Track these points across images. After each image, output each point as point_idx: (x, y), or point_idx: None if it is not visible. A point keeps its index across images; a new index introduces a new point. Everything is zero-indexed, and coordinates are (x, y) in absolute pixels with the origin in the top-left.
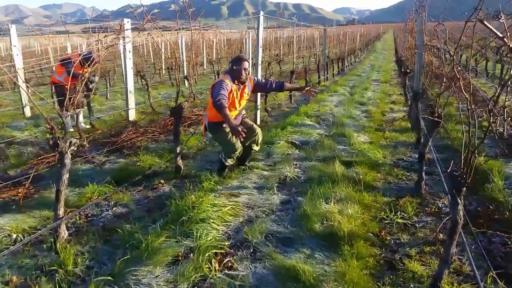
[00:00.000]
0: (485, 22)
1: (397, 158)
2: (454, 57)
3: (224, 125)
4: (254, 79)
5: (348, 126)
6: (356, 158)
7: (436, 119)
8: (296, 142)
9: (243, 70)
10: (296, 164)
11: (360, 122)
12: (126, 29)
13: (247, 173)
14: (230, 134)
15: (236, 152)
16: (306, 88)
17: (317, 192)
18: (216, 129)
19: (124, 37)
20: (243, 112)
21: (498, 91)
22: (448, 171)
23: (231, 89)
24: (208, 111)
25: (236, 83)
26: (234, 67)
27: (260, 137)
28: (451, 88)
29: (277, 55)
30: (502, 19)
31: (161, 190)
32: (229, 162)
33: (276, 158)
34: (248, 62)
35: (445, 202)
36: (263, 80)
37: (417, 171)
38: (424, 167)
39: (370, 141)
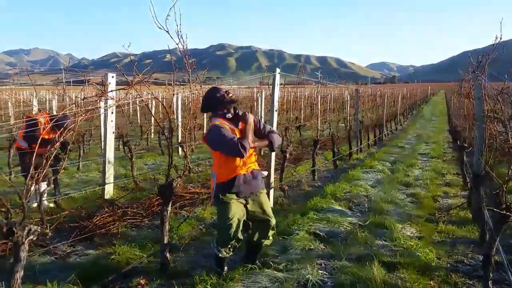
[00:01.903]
0: None
1: (455, 260)
2: None
3: (233, 191)
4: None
5: (389, 214)
6: (401, 258)
7: (504, 212)
8: (321, 234)
9: (224, 94)
10: (320, 264)
11: (405, 209)
12: (110, 90)
13: (255, 274)
14: (233, 212)
15: (232, 241)
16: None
17: None
18: (224, 197)
19: (107, 98)
20: (262, 173)
21: None
22: None
23: (229, 127)
24: (216, 169)
25: (229, 122)
26: (214, 98)
27: (273, 224)
28: None
29: (296, 118)
30: None
31: None
32: (224, 253)
33: (293, 255)
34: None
35: None
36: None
37: (482, 279)
38: (491, 274)
39: (419, 236)
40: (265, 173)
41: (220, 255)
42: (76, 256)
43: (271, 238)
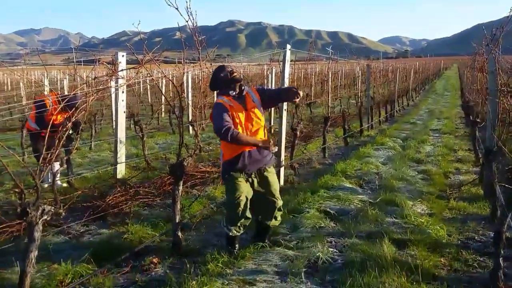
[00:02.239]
0: None
1: (466, 237)
2: None
3: (238, 168)
4: (258, 87)
5: (400, 191)
6: (412, 235)
7: None
8: (331, 212)
9: (228, 73)
10: (330, 242)
11: (416, 186)
12: (120, 69)
13: (266, 252)
14: (240, 191)
15: (241, 220)
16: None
17: (359, 283)
18: (229, 175)
19: (118, 77)
20: (271, 145)
21: None
22: None
23: (229, 106)
24: (222, 146)
25: (233, 97)
26: (218, 77)
27: (279, 205)
28: None
29: (307, 95)
30: None
31: (154, 273)
32: (234, 231)
33: (304, 233)
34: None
35: None
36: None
37: (493, 256)
38: (502, 251)
39: (430, 213)
40: (275, 148)
41: (230, 233)
42: (89, 236)
43: (279, 218)
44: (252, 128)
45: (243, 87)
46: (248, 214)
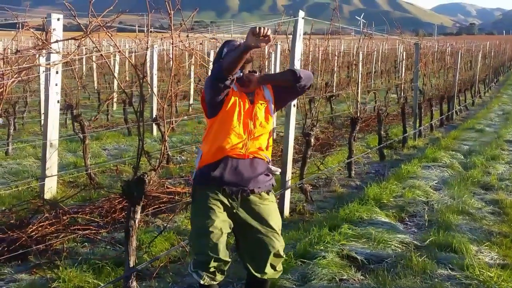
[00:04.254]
0: None
1: None
2: None
3: (213, 177)
4: None
5: (459, 230)
6: None
7: None
8: (358, 258)
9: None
10: None
11: (483, 224)
12: (55, 40)
13: None
14: (213, 217)
15: (212, 261)
16: None
17: None
18: (200, 189)
19: (50, 51)
20: (271, 168)
21: None
22: None
23: (231, 93)
24: (203, 144)
25: (238, 80)
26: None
27: (277, 248)
28: None
29: (326, 84)
30: None
31: None
32: (206, 279)
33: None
34: None
35: None
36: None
37: None
38: None
39: (503, 263)
40: (278, 171)
41: (201, 282)
42: (1, 283)
43: (279, 268)
44: (254, 130)
45: (252, 80)
46: (224, 254)
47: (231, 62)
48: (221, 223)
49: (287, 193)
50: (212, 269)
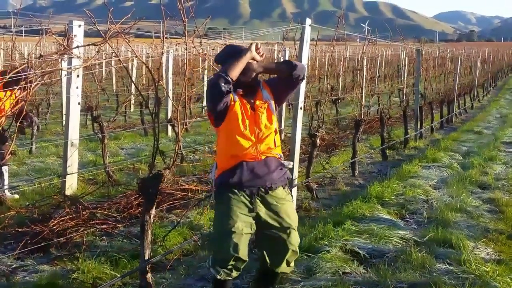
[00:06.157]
0: None
1: None
2: None
3: (233, 182)
4: (266, 80)
5: (457, 227)
6: None
7: None
8: (361, 252)
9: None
10: None
11: (480, 221)
12: (76, 45)
13: None
14: (234, 217)
15: (232, 260)
16: None
17: None
18: (221, 193)
19: (71, 56)
20: (283, 163)
21: None
22: None
23: (234, 99)
24: (217, 156)
25: (240, 91)
26: (231, 48)
27: (295, 245)
28: None
29: (332, 88)
30: None
31: None
32: (223, 275)
33: (322, 281)
34: None
35: None
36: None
37: None
38: None
39: (498, 259)
40: (290, 164)
41: (218, 277)
42: (24, 273)
43: (292, 264)
44: (261, 133)
45: (254, 81)
46: (244, 254)
47: (232, 64)
48: (243, 224)
49: (294, 191)
50: (229, 267)
